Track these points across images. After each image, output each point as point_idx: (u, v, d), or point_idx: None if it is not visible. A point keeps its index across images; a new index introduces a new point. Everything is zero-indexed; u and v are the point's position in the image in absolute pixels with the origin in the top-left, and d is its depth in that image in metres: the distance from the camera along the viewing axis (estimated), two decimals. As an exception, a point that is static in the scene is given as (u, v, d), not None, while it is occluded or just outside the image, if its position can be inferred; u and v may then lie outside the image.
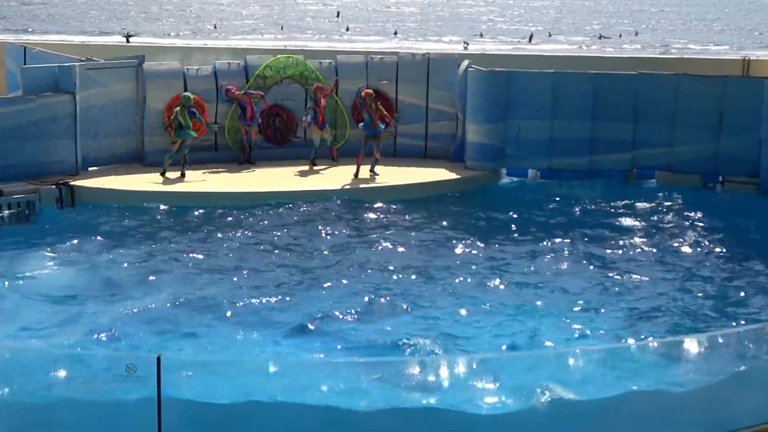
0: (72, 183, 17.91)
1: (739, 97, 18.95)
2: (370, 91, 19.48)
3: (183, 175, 18.71)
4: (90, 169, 18.91)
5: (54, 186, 17.63)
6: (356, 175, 18.82)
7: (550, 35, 55.45)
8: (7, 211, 16.75)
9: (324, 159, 19.86)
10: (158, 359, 8.33)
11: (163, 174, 18.65)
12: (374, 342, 11.77)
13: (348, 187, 18.50)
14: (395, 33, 61.67)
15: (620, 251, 15.34)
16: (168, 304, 12.84)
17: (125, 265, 14.44)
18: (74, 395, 8.71)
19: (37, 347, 11.03)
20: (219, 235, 15.90)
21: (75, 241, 15.39)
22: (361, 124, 19.27)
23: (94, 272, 14.12)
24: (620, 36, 55.82)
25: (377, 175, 18.97)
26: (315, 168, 19.48)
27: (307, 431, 8.71)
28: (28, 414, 8.71)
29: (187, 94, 19.01)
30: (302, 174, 19.23)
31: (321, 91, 19.64)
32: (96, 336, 11.70)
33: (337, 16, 78.60)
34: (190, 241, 15.63)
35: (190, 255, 14.89)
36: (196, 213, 17.01)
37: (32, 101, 18.08)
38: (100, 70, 19.28)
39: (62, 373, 8.83)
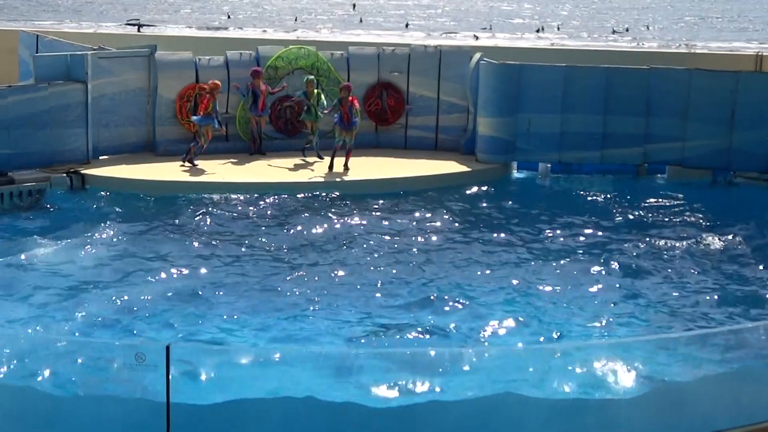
0: (83, 171, 17.96)
1: (751, 92, 18.90)
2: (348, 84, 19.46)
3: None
4: (101, 157, 18.96)
5: (65, 174, 17.68)
6: (331, 167, 18.76)
7: (558, 29, 55.20)
8: (18, 199, 16.81)
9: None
10: (167, 348, 8.33)
11: (325, 161, 19.04)
12: (382, 332, 11.80)
13: (357, 178, 18.50)
14: (406, 25, 61.54)
15: (631, 245, 15.30)
16: (176, 293, 12.86)
17: (133, 253, 14.46)
18: (82, 383, 8.74)
19: (43, 334, 11.08)
20: (228, 224, 15.93)
21: (84, 229, 15.42)
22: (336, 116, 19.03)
23: (101, 260, 14.13)
24: (627, 29, 55.44)
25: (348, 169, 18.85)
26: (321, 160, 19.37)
27: (314, 425, 8.73)
28: (34, 401, 8.73)
29: (311, 77, 19.47)
30: (311, 165, 19.22)
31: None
32: (103, 324, 11.74)
33: (353, 8, 78.49)
34: (199, 230, 15.66)
35: (199, 244, 14.91)
36: (206, 202, 17.03)
37: (44, 89, 18.10)
38: (112, 59, 19.31)
39: (69, 361, 8.85)
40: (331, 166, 18.77)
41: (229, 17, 64.64)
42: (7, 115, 17.54)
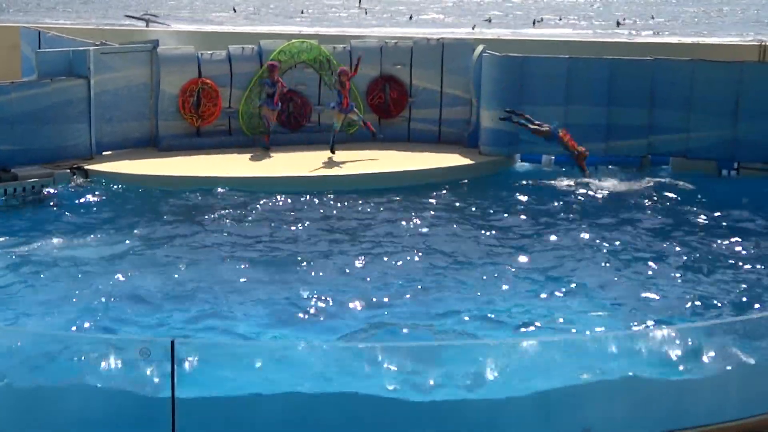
0: (86, 167, 17.97)
1: (755, 82, 18.86)
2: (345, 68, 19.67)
3: None
4: (104, 153, 18.96)
5: (68, 170, 17.69)
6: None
7: (560, 19, 55.18)
8: (21, 194, 16.83)
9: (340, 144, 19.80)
10: (172, 344, 8.32)
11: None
12: (383, 327, 11.79)
13: (360, 172, 18.49)
14: (410, 17, 61.64)
15: (634, 237, 15.28)
16: (178, 288, 12.87)
17: (137, 248, 14.47)
18: (86, 378, 8.73)
19: (46, 330, 11.08)
20: (231, 219, 15.91)
21: (87, 225, 15.46)
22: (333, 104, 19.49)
23: (105, 255, 14.13)
24: (624, 20, 55.33)
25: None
26: (333, 154, 19.32)
27: (322, 418, 8.72)
28: (36, 398, 8.72)
29: None
30: (316, 160, 19.19)
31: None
32: (107, 318, 11.75)
33: (359, 4, 78.50)
34: (201, 225, 15.65)
35: (204, 238, 14.91)
36: (210, 197, 17.03)
37: (47, 85, 18.11)
38: (114, 55, 19.29)
39: (73, 356, 8.84)
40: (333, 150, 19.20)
41: (234, 10, 64.50)
42: (10, 111, 17.57)
